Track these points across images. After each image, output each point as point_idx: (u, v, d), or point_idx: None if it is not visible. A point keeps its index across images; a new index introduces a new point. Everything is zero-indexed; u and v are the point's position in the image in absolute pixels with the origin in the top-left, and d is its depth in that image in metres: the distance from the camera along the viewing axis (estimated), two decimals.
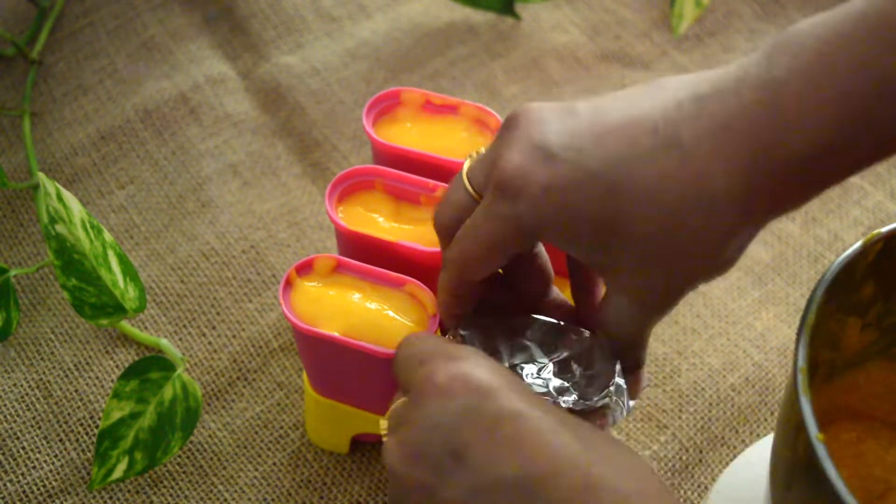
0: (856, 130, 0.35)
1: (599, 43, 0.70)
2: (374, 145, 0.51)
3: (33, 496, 0.50)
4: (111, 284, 0.49)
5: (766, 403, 0.55)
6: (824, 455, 0.34)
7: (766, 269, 0.60)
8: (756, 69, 0.36)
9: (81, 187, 0.61)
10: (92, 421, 0.53)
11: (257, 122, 0.64)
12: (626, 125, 0.38)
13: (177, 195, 0.61)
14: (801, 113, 0.35)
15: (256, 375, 0.55)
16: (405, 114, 0.53)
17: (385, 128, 0.52)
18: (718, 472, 0.52)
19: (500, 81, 0.67)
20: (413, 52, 0.68)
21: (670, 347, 0.56)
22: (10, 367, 0.54)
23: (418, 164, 0.50)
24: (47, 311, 0.56)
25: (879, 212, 0.62)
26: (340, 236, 0.49)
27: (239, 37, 0.68)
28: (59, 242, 0.49)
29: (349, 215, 0.49)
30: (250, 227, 0.60)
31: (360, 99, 0.65)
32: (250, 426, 0.53)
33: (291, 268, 0.47)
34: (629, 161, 0.37)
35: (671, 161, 0.37)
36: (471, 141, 0.51)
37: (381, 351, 0.44)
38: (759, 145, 0.36)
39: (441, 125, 0.52)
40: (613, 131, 0.38)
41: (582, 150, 0.38)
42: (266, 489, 0.51)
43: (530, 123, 0.39)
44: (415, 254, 0.47)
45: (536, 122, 0.39)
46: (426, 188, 0.49)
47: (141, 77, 0.66)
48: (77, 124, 0.64)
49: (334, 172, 0.62)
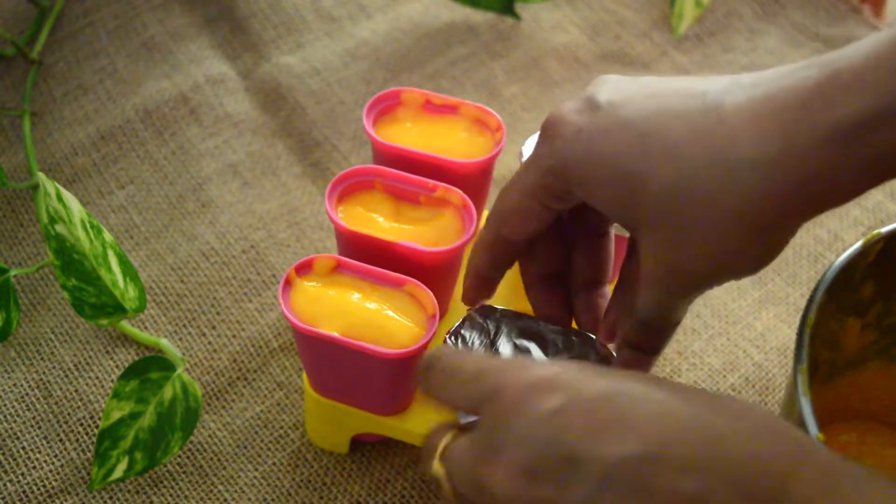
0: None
1: (599, 43, 0.70)
2: (374, 145, 0.51)
3: (33, 496, 0.50)
4: (111, 284, 0.49)
5: (766, 403, 0.55)
6: None
7: (765, 269, 0.60)
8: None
9: (81, 187, 0.61)
10: (92, 421, 0.53)
11: (257, 122, 0.64)
12: (676, 91, 0.38)
13: (177, 195, 0.61)
14: (857, 73, 0.34)
15: (256, 375, 0.55)
16: (405, 114, 0.53)
17: (385, 128, 0.52)
18: None
19: (500, 81, 0.67)
20: (413, 52, 0.68)
21: (670, 348, 0.56)
22: (10, 367, 0.54)
23: (418, 164, 0.50)
24: (47, 311, 0.56)
25: (879, 212, 0.62)
26: (340, 236, 0.49)
27: (239, 37, 0.68)
28: (59, 242, 0.49)
29: (349, 215, 0.49)
30: (250, 227, 0.60)
31: (360, 99, 0.65)
32: (250, 426, 0.53)
33: (291, 268, 0.47)
34: (664, 115, 0.37)
35: (706, 121, 0.36)
36: (471, 141, 0.51)
37: (380, 351, 0.44)
38: (803, 111, 0.35)
39: (441, 125, 0.52)
40: (662, 94, 0.38)
41: (625, 104, 0.38)
42: (266, 489, 0.51)
43: (595, 84, 0.40)
44: (414, 254, 0.47)
45: (600, 82, 0.40)
46: (426, 188, 0.49)
47: (141, 77, 0.66)
48: (77, 124, 0.64)
49: (334, 172, 0.62)
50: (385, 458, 0.52)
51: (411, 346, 0.45)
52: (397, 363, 0.45)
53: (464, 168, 0.50)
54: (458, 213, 0.49)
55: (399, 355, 0.44)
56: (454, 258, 0.48)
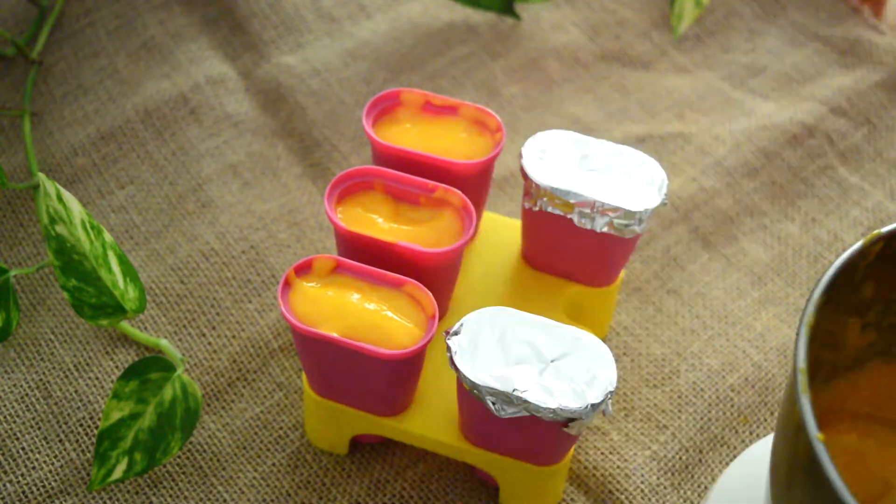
0: None
1: (599, 43, 0.70)
2: (373, 146, 0.51)
3: (33, 497, 0.50)
4: (111, 285, 0.49)
5: (766, 404, 0.55)
6: (824, 455, 0.34)
7: (765, 269, 0.60)
8: None
9: (81, 187, 0.61)
10: (92, 421, 0.53)
11: (257, 122, 0.64)
12: None
13: (177, 195, 0.61)
14: None
15: (256, 376, 0.55)
16: (405, 115, 0.53)
17: (385, 128, 0.52)
18: (718, 472, 0.52)
19: (500, 81, 0.67)
20: (413, 52, 0.68)
21: (669, 348, 0.56)
22: (10, 368, 0.54)
23: (418, 164, 0.50)
24: (47, 311, 0.56)
25: (879, 212, 0.62)
26: (339, 237, 0.49)
27: (239, 37, 0.68)
28: (59, 243, 0.49)
29: (348, 216, 0.49)
30: (250, 228, 0.60)
31: (360, 99, 0.65)
32: (250, 427, 0.53)
33: (290, 268, 0.47)
34: None
35: None
36: (470, 142, 0.52)
37: (379, 351, 0.44)
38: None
39: (441, 126, 0.52)
40: None
41: None
42: (265, 490, 0.51)
43: None
44: (414, 254, 0.47)
45: None
46: (426, 189, 0.49)
47: (141, 77, 0.66)
48: (77, 124, 0.64)
49: (334, 173, 0.62)
50: (385, 458, 0.52)
51: (411, 347, 0.45)
52: (397, 364, 0.45)
53: (463, 169, 0.50)
54: (458, 214, 0.49)
55: (398, 356, 0.44)
56: (453, 259, 0.48)
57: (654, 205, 0.49)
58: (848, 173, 0.64)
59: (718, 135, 0.65)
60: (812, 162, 0.64)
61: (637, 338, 0.57)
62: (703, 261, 0.60)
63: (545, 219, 0.50)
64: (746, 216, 0.62)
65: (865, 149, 0.65)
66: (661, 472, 0.52)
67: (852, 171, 0.64)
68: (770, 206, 0.62)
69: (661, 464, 0.52)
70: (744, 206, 0.62)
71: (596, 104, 0.67)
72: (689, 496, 0.52)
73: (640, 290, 0.58)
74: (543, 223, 0.51)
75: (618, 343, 0.56)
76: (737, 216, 0.62)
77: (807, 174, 0.64)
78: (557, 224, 0.50)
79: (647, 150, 0.64)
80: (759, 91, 0.67)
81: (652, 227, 0.61)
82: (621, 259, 0.52)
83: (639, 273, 0.59)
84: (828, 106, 0.66)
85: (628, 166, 0.50)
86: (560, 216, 0.50)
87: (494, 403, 0.43)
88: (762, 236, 0.61)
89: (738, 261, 0.60)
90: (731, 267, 0.60)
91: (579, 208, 0.49)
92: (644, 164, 0.50)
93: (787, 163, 0.64)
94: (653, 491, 0.51)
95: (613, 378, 0.44)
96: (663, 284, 0.59)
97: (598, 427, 0.53)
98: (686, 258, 0.60)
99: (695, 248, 0.60)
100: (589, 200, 0.49)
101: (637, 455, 0.52)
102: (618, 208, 0.48)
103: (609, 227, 0.49)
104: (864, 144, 0.65)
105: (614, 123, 0.66)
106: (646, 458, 0.52)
